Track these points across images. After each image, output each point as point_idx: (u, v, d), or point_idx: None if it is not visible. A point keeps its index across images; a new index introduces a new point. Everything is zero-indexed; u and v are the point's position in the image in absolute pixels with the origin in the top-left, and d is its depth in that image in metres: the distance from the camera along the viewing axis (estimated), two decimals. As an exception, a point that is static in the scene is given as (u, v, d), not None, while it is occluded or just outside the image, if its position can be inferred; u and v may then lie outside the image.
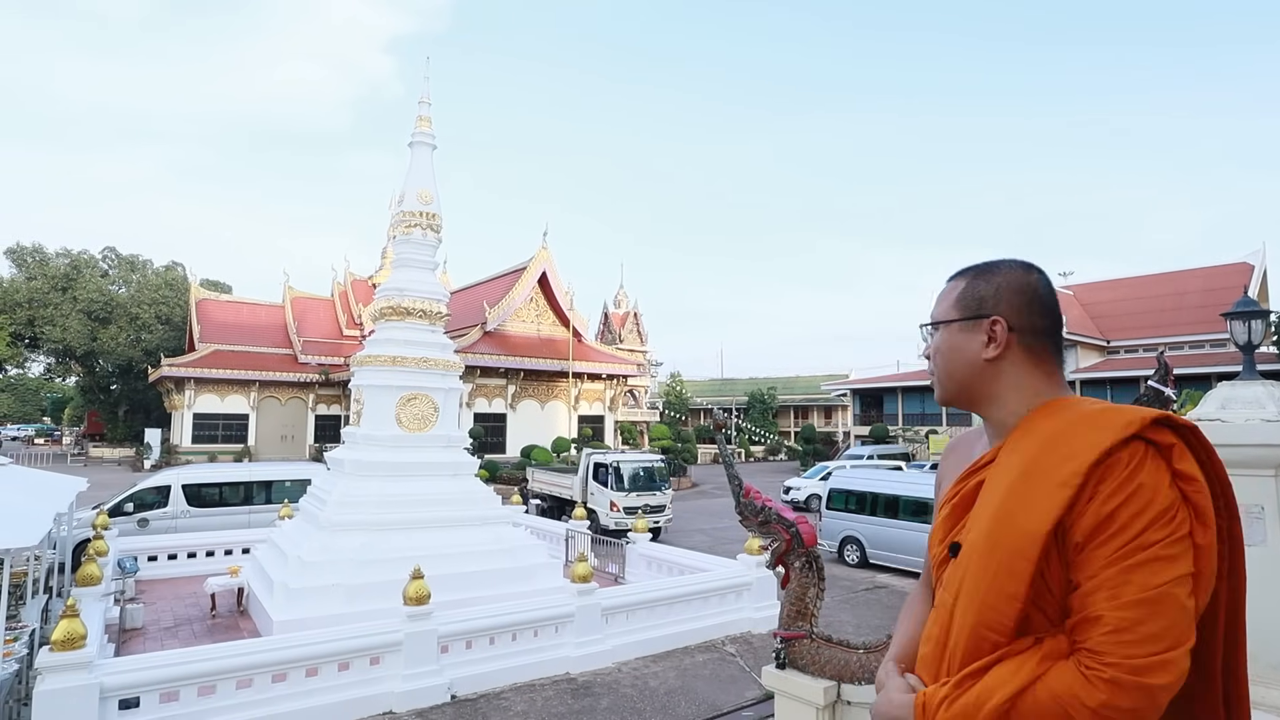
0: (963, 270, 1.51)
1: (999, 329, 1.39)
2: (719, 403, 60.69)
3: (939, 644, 1.35)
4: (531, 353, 37.98)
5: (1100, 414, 1.26)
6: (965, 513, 1.39)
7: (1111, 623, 1.12)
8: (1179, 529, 1.15)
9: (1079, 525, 1.18)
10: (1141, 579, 1.12)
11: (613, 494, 17.99)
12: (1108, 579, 1.14)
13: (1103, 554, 1.15)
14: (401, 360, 10.90)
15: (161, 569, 12.72)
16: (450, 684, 7.52)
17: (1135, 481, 1.17)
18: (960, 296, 1.45)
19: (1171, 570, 1.13)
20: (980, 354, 1.41)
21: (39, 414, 79.50)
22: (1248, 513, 3.37)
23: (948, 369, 1.46)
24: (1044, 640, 1.22)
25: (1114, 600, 1.13)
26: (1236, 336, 3.83)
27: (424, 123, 11.88)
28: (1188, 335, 34.57)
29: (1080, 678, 1.13)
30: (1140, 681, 1.10)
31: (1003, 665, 1.22)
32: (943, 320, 1.46)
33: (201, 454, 37.74)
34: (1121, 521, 1.15)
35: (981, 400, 1.44)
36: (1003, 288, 1.42)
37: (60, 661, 5.80)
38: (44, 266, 46.89)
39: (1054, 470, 1.22)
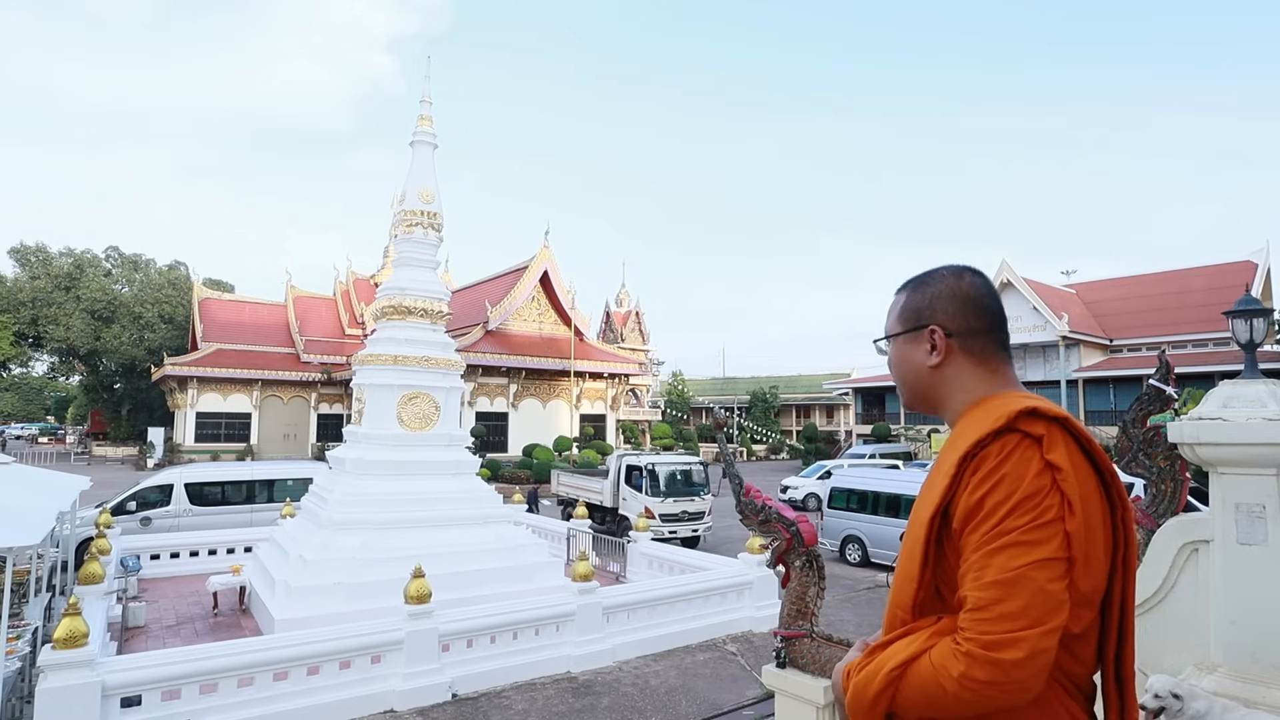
0: (904, 284, 1.58)
1: (937, 337, 1.46)
2: (721, 401, 60.66)
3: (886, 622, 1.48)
4: (533, 352, 38.01)
5: (991, 409, 1.34)
6: None
7: (973, 601, 1.21)
8: (1044, 515, 1.21)
9: (956, 513, 1.28)
10: (1000, 562, 1.20)
11: (648, 499, 16.48)
12: (974, 563, 1.23)
13: (973, 539, 1.24)
14: (403, 359, 10.91)
15: (164, 567, 12.75)
16: (451, 682, 7.52)
17: (1001, 471, 1.24)
18: (901, 310, 1.53)
19: (1031, 554, 1.19)
20: (925, 362, 1.48)
21: (43, 413, 79.72)
22: (1249, 512, 3.36)
23: (902, 379, 1.55)
24: (942, 618, 1.32)
25: (976, 582, 1.21)
26: (1238, 335, 3.82)
27: (425, 122, 11.88)
28: (1191, 334, 34.49)
29: (950, 649, 1.23)
30: (990, 656, 1.17)
31: (901, 639, 1.34)
32: (890, 335, 1.56)
33: (204, 453, 37.81)
34: (987, 509, 1.23)
35: (936, 404, 1.52)
36: (936, 297, 1.49)
37: (63, 659, 5.81)
38: (47, 266, 47.00)
39: (944, 461, 1.35)
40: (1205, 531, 3.56)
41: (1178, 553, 3.67)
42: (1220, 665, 3.35)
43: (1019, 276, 36.90)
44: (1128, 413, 4.15)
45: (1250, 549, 3.34)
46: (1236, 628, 3.33)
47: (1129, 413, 4.14)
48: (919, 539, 1.33)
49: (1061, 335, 35.23)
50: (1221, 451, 3.38)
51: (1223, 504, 3.44)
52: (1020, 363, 38.77)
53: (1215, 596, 3.45)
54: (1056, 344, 35.96)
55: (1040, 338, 36.34)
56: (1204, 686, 3.20)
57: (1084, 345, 36.64)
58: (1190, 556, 3.65)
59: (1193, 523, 3.66)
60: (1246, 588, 3.34)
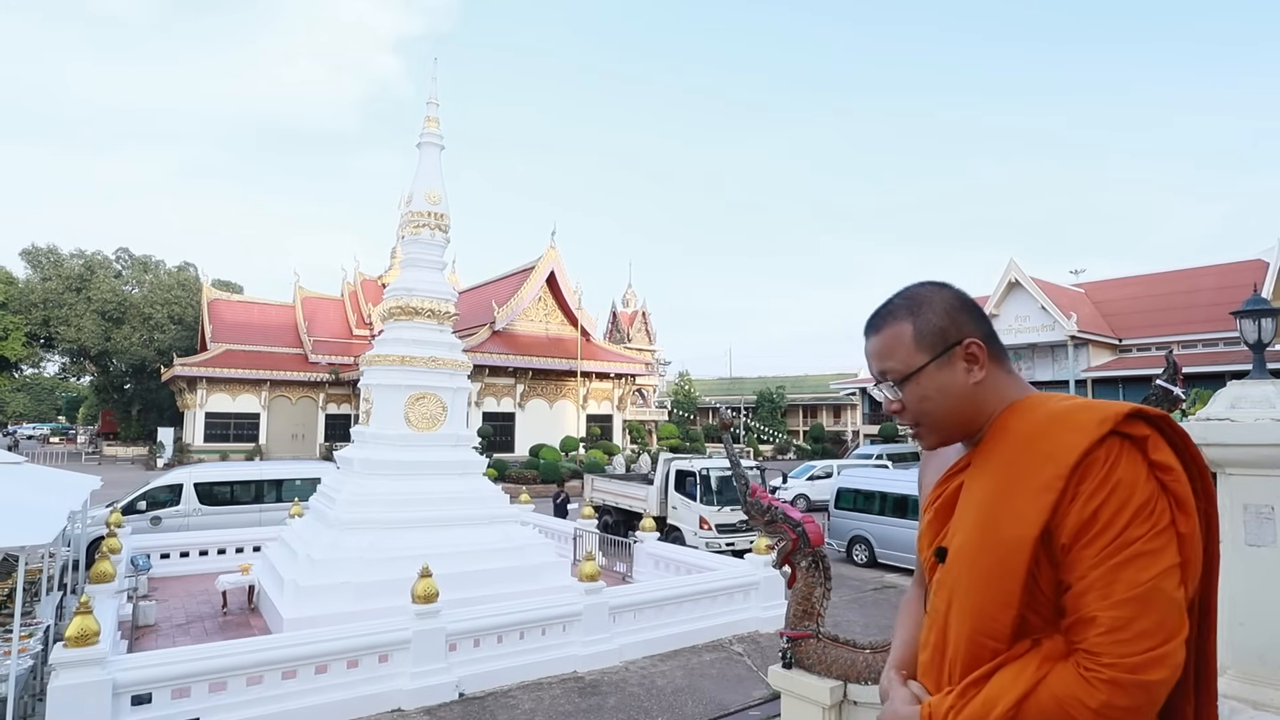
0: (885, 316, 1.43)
1: (975, 348, 1.36)
2: (727, 402, 60.58)
3: (937, 650, 1.35)
4: (540, 352, 38.07)
5: (1072, 412, 1.26)
6: (949, 517, 1.39)
7: (1106, 623, 1.13)
8: (1160, 520, 1.16)
9: (1064, 527, 1.18)
10: (1129, 576, 1.13)
11: (702, 508, 15.04)
12: (1097, 579, 1.15)
13: (1089, 554, 1.16)
14: (410, 360, 10.95)
15: (174, 566, 12.84)
16: (458, 682, 7.55)
17: (1114, 479, 1.17)
18: (916, 338, 1.37)
19: (1157, 564, 1.14)
20: (967, 381, 1.36)
21: (54, 413, 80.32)
22: (1258, 513, 3.34)
23: (945, 410, 1.37)
24: (1042, 642, 1.22)
25: (1105, 599, 1.13)
26: (1246, 335, 3.80)
27: (432, 123, 11.92)
28: (1201, 334, 34.26)
29: (1080, 679, 1.13)
30: (1138, 679, 1.10)
31: (1004, 671, 1.22)
32: (915, 369, 1.37)
33: (213, 453, 38.05)
34: (1104, 520, 1.16)
35: (977, 425, 1.38)
36: (950, 310, 1.39)
37: (74, 658, 5.86)
38: (58, 267, 47.37)
39: (1034, 474, 1.22)
40: (1213, 533, 3.54)
41: (1185, 554, 3.65)
42: (1229, 667, 3.33)
43: (1027, 276, 36.75)
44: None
45: (1259, 550, 3.32)
46: (1245, 629, 3.32)
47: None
48: (1018, 560, 1.20)
49: (1070, 335, 35.06)
50: (1229, 452, 3.36)
51: (1231, 505, 3.42)
52: (1029, 363, 38.61)
53: (1223, 598, 3.41)
54: (1065, 344, 35.79)
55: (1048, 337, 36.19)
56: (1212, 688, 3.19)
57: (1093, 345, 36.46)
58: (1198, 558, 3.63)
59: (1201, 524, 3.64)
60: (1255, 589, 3.32)
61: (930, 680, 1.37)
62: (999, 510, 1.24)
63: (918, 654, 1.46)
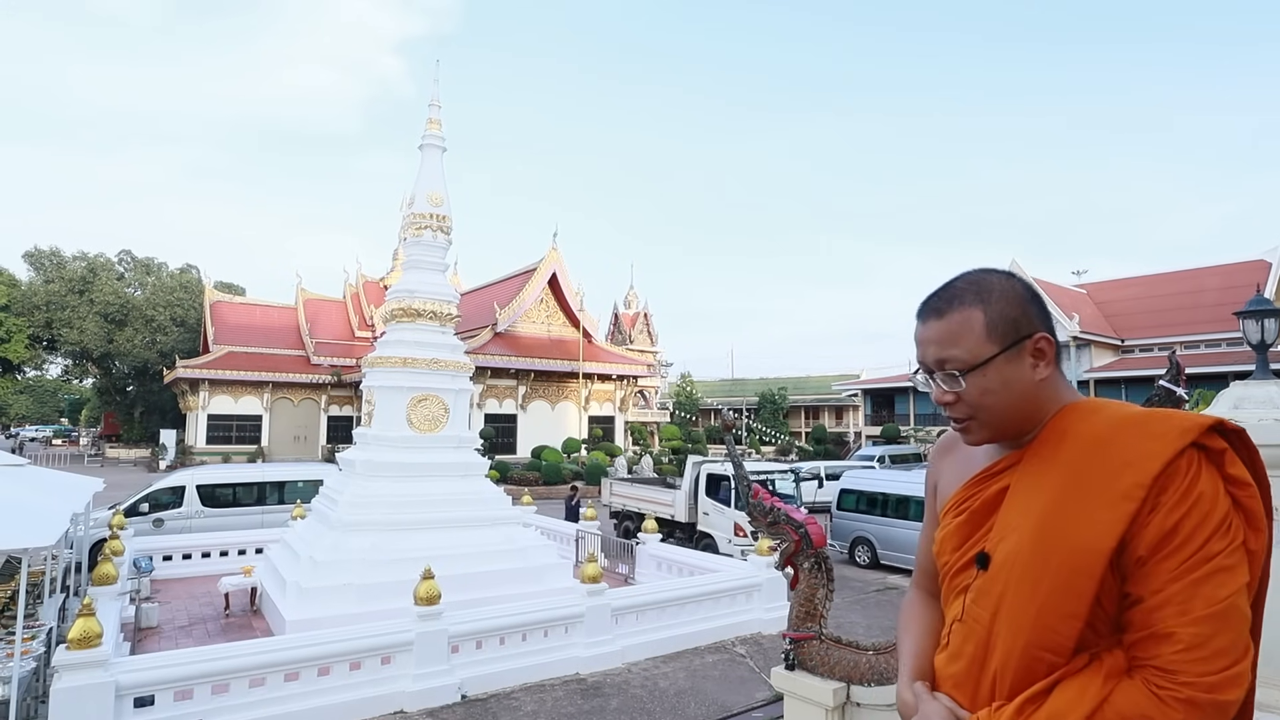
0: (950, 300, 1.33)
1: (1045, 345, 1.29)
2: (729, 403, 60.56)
3: (974, 662, 1.27)
4: (542, 353, 38.10)
5: (1150, 420, 1.20)
6: (986, 519, 1.33)
7: (1184, 640, 1.08)
8: (1236, 537, 1.12)
9: (1141, 538, 1.12)
10: (1209, 592, 1.08)
11: (737, 515, 14.38)
12: (1175, 594, 1.10)
13: (1167, 567, 1.11)
14: (412, 361, 10.96)
15: (176, 568, 12.85)
16: (461, 684, 7.55)
17: (1196, 491, 1.12)
18: (989, 328, 1.28)
19: (1235, 581, 1.10)
20: (1033, 377, 1.29)
21: (56, 415, 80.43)
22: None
23: (1005, 405, 1.28)
24: (1102, 657, 1.17)
25: (1184, 616, 1.09)
26: (1249, 335, 3.80)
27: (434, 125, 11.94)
28: (1204, 334, 34.25)
29: (1152, 698, 1.09)
30: (1216, 699, 1.06)
31: (1065, 688, 1.16)
32: (983, 360, 1.27)
33: (216, 455, 38.10)
34: (1185, 533, 1.11)
35: (1034, 424, 1.31)
36: (1024, 300, 1.31)
37: (77, 660, 5.87)
38: (61, 270, 47.51)
39: (1111, 481, 1.16)
40: (1217, 533, 3.54)
41: (1189, 555, 3.65)
42: (1232, 668, 3.33)
43: (1029, 277, 36.73)
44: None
45: (1262, 551, 3.32)
46: (1249, 630, 3.31)
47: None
48: (1090, 570, 1.13)
49: (1073, 336, 35.05)
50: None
51: (1234, 506, 3.42)
52: (1031, 363, 38.60)
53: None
54: (1068, 345, 35.76)
55: (1051, 338, 36.19)
56: (1216, 690, 3.18)
57: (1095, 346, 36.46)
58: (1202, 559, 3.63)
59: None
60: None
61: (964, 695, 1.29)
62: (1068, 517, 1.18)
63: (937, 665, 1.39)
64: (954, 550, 1.38)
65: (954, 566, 1.37)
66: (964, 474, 1.44)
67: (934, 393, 1.36)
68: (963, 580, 1.34)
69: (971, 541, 1.34)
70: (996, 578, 1.24)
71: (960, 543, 1.36)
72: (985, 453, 1.41)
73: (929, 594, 1.57)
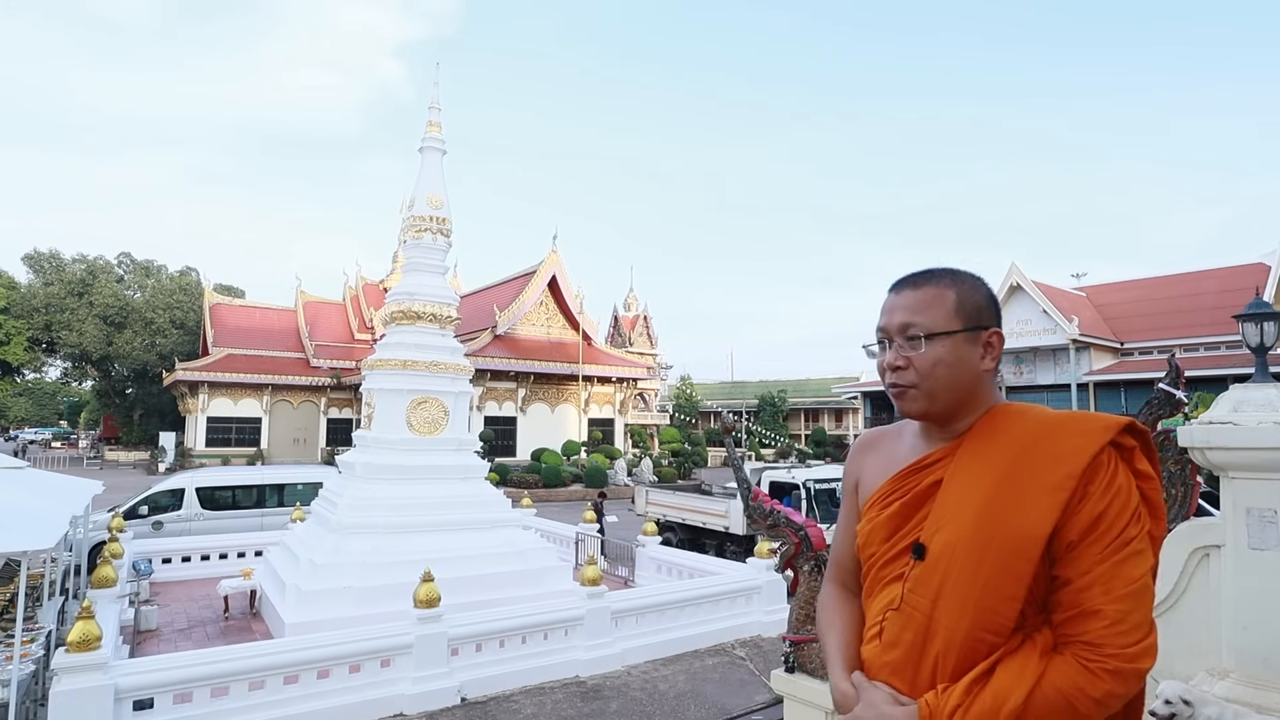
0: (928, 277, 1.44)
1: (997, 340, 1.40)
2: (729, 405, 60.52)
3: (914, 649, 1.32)
4: (542, 356, 38.08)
5: (1075, 419, 1.33)
6: (918, 510, 1.40)
7: (1109, 616, 1.19)
8: (1145, 524, 1.26)
9: (1072, 524, 1.23)
10: (1127, 573, 1.21)
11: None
12: (1101, 575, 1.21)
13: (1093, 551, 1.22)
14: (412, 364, 10.96)
15: (176, 571, 12.83)
16: (460, 686, 7.54)
17: (1116, 483, 1.25)
18: (958, 306, 1.39)
19: (1147, 563, 1.24)
20: (979, 366, 1.39)
21: (55, 418, 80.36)
22: (1261, 516, 3.34)
23: (951, 381, 1.37)
24: (1034, 637, 1.27)
25: (1108, 594, 1.20)
26: (1248, 339, 3.80)
27: (434, 128, 11.95)
28: (1203, 337, 34.22)
29: (1083, 670, 1.20)
30: (1136, 667, 1.19)
31: (1006, 666, 1.24)
32: (946, 331, 1.37)
33: (215, 457, 38.09)
34: (1108, 520, 1.23)
35: (968, 411, 1.41)
36: (989, 298, 1.43)
37: (76, 663, 5.86)
38: (61, 272, 47.50)
39: (1044, 473, 1.27)
40: (1216, 536, 3.54)
41: (1188, 558, 3.65)
42: (1232, 671, 3.33)
43: (1028, 280, 36.76)
44: (1137, 417, 4.13)
45: (1262, 554, 3.32)
46: (1248, 633, 3.31)
47: (1139, 417, 4.12)
48: (1024, 554, 1.23)
49: (1072, 339, 35.05)
50: (1232, 456, 3.37)
51: (1234, 508, 3.42)
52: (1030, 366, 38.60)
53: (1227, 602, 3.43)
54: (1067, 347, 35.78)
55: (1050, 341, 36.18)
56: (1216, 693, 3.18)
57: (1094, 348, 36.44)
58: (1201, 562, 3.63)
59: (1204, 528, 3.64)
60: (1258, 593, 3.32)
61: (902, 681, 1.33)
62: (1006, 506, 1.27)
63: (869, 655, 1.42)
64: (883, 541, 1.43)
65: (883, 557, 1.43)
66: (888, 469, 1.50)
67: (889, 357, 1.43)
68: (893, 570, 1.41)
69: (903, 532, 1.41)
70: (936, 566, 1.31)
71: (890, 534, 1.42)
72: (910, 448, 1.49)
73: (846, 589, 1.61)
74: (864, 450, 1.63)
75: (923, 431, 1.49)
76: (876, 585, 1.44)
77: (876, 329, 1.47)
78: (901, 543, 1.40)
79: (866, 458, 1.60)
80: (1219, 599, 3.49)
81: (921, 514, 1.38)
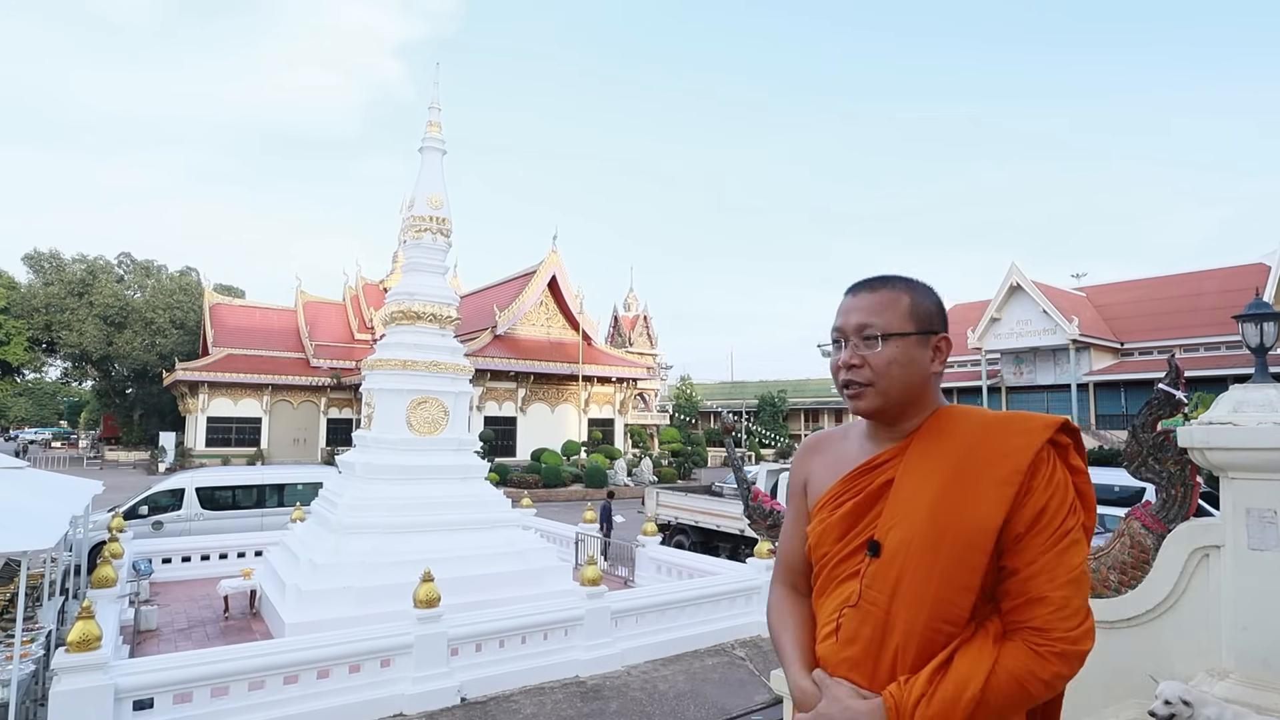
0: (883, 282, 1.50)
1: (945, 346, 1.48)
2: (729, 405, 60.55)
3: (872, 644, 1.35)
4: (541, 356, 38.08)
5: (1016, 419, 1.41)
6: (870, 509, 1.43)
7: (1054, 602, 1.27)
8: (1080, 516, 1.34)
9: (1020, 516, 1.31)
10: (1068, 561, 1.29)
11: None
12: (1046, 564, 1.28)
13: (1038, 542, 1.30)
14: (412, 364, 10.96)
15: (176, 571, 12.84)
16: (460, 686, 7.54)
17: (1056, 477, 1.33)
18: (911, 310, 1.46)
19: (1083, 552, 1.32)
20: (929, 368, 1.46)
21: (55, 418, 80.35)
22: (1260, 517, 3.34)
23: (903, 380, 1.43)
24: (986, 625, 1.33)
25: (1052, 582, 1.28)
26: (1248, 339, 3.80)
27: (434, 128, 11.95)
28: (1203, 337, 34.22)
29: (1032, 654, 1.27)
30: (1080, 649, 1.27)
31: (964, 655, 1.30)
32: (900, 332, 1.43)
33: (215, 457, 38.09)
34: (1050, 512, 1.31)
35: (916, 411, 1.47)
36: (939, 304, 1.51)
37: (76, 663, 5.86)
38: (61, 272, 47.49)
39: (992, 469, 1.33)
40: (1216, 537, 3.54)
41: (1188, 558, 3.65)
42: (1232, 672, 3.33)
43: (1028, 280, 36.75)
44: (1137, 417, 4.13)
45: (1262, 554, 3.32)
46: (1248, 634, 3.31)
47: (1139, 417, 4.12)
48: (977, 546, 1.29)
49: (1072, 339, 35.04)
50: (1232, 456, 3.37)
51: (1233, 509, 3.42)
52: (1030, 366, 38.59)
53: (1226, 602, 3.43)
54: (1067, 347, 35.77)
55: (1050, 341, 36.17)
56: (1216, 693, 3.18)
57: (1094, 349, 36.42)
58: (1201, 562, 3.63)
59: (1203, 528, 3.64)
60: (1258, 593, 3.32)
61: (862, 676, 1.36)
62: (958, 501, 1.33)
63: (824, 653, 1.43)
64: (836, 540, 1.47)
65: (836, 556, 1.47)
66: (837, 470, 1.53)
67: (844, 355, 1.48)
68: (847, 568, 1.44)
69: (856, 531, 1.45)
70: (892, 562, 1.36)
71: (843, 533, 1.46)
72: (859, 449, 1.54)
73: (796, 590, 1.63)
74: (811, 452, 1.66)
75: (870, 433, 1.54)
76: (830, 584, 1.47)
77: (832, 329, 1.52)
78: (855, 541, 1.43)
79: (813, 459, 1.63)
80: (1219, 599, 3.49)
81: (874, 512, 1.42)
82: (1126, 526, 4.08)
